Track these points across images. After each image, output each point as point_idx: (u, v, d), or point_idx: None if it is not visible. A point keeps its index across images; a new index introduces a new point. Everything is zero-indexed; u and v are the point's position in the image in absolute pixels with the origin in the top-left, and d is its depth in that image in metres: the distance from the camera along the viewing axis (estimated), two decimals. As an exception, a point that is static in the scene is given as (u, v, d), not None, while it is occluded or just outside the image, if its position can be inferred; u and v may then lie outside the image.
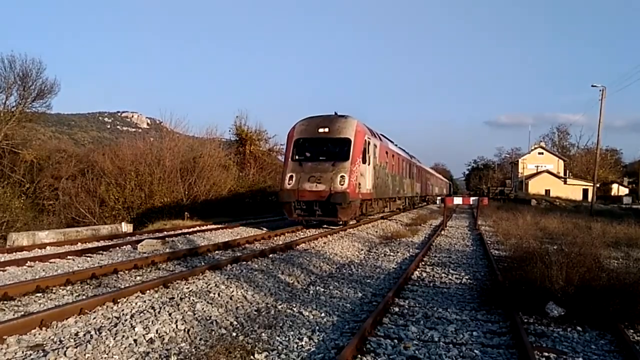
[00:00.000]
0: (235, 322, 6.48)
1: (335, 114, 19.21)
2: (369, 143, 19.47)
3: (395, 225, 22.73)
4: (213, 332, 5.99)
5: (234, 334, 5.98)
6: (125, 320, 6.05)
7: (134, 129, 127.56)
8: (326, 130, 18.39)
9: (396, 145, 30.20)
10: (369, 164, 19.51)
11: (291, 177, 17.75)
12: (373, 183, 20.39)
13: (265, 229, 19.11)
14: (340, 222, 18.60)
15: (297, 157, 18.45)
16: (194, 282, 8.31)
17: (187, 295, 7.32)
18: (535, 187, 77.33)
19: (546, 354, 5.70)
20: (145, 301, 7.00)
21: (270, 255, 11.61)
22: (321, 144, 18.71)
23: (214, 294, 7.57)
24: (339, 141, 18.26)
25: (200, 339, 5.74)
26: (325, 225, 19.28)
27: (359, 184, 17.96)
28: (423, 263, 12.08)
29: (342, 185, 17.07)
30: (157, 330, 5.77)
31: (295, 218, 18.20)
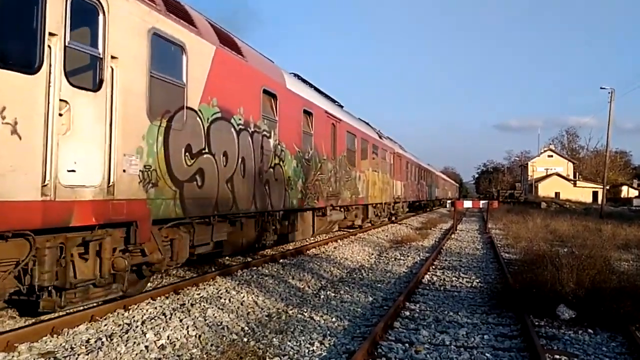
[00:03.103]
0: (246, 328, 6.49)
1: None
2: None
3: (405, 229, 22.72)
4: (224, 338, 6.00)
5: (245, 340, 5.99)
6: (137, 326, 6.08)
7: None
8: None
9: (341, 108, 17.42)
10: (100, 88, 5.77)
11: None
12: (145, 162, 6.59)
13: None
14: None
15: None
16: (204, 288, 8.33)
17: (197, 301, 7.35)
18: (545, 189, 77.19)
19: (557, 356, 5.69)
20: (156, 307, 7.03)
21: (281, 261, 11.62)
22: None
23: (225, 299, 7.59)
24: None
25: (212, 345, 5.75)
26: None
27: None
28: (433, 267, 12.06)
29: None
30: (168, 336, 5.79)
31: None
